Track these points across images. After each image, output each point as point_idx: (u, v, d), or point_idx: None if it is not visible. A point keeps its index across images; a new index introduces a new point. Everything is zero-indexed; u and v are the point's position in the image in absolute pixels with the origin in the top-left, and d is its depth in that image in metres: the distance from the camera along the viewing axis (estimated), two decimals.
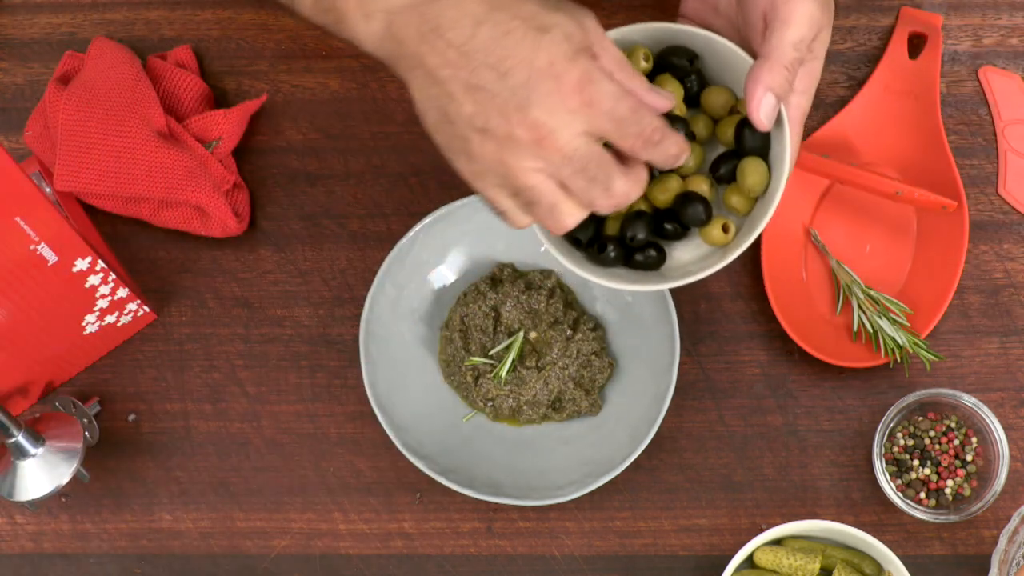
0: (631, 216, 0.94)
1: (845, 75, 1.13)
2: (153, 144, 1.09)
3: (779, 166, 0.91)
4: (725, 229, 0.94)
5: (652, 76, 0.94)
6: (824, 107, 1.12)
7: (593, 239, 0.95)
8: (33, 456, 1.04)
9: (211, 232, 1.11)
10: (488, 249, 1.11)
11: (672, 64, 0.93)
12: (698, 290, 1.11)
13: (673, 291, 1.07)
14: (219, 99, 1.16)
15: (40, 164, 1.13)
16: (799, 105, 0.91)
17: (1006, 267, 1.10)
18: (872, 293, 1.08)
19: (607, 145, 0.85)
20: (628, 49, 0.93)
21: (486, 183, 0.84)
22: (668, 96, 0.87)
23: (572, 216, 0.85)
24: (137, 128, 1.09)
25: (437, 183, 1.14)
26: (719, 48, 0.92)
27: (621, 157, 0.86)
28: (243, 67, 1.16)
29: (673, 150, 0.86)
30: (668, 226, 0.95)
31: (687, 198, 0.93)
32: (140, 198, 1.11)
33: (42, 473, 1.04)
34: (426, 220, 1.09)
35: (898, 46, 1.11)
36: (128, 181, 1.09)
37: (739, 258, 1.11)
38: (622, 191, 0.85)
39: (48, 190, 1.12)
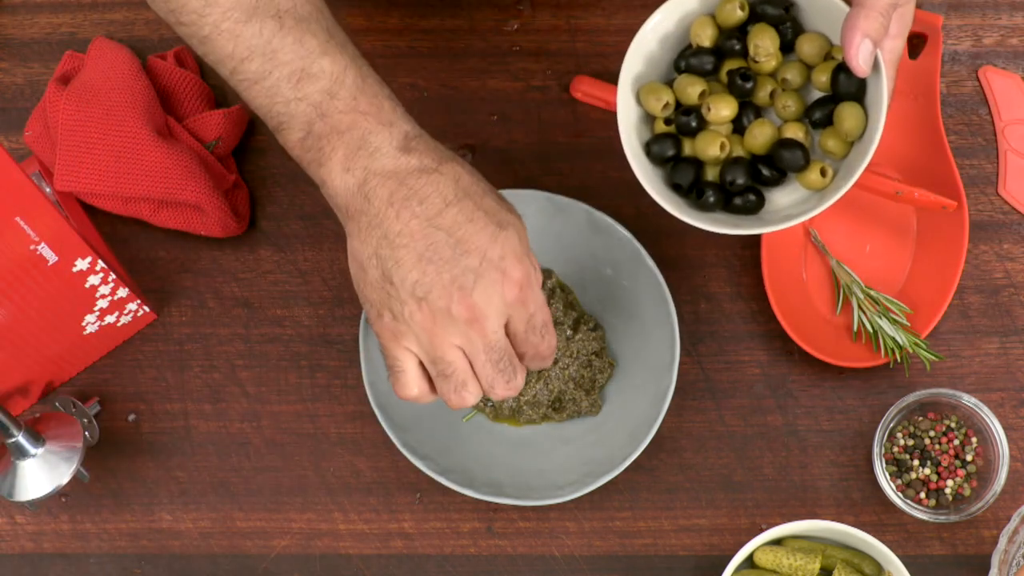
0: (730, 161, 0.96)
1: None
2: (153, 144, 1.09)
3: (876, 109, 0.93)
4: (823, 173, 0.96)
5: (747, 24, 0.96)
6: None
7: (693, 184, 0.97)
8: (33, 456, 1.04)
9: (211, 232, 1.11)
10: None
11: (767, 12, 0.96)
12: (698, 290, 1.11)
13: (673, 291, 1.07)
14: (219, 99, 1.16)
15: (40, 164, 1.13)
16: (894, 48, 0.94)
17: (1006, 267, 1.10)
18: (872, 293, 1.08)
19: None
20: None
21: (401, 342, 0.89)
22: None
23: (474, 396, 0.90)
24: (137, 128, 1.09)
25: None
26: None
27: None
28: None
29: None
30: (766, 171, 0.96)
31: (785, 144, 0.95)
32: (140, 198, 1.11)
33: (42, 473, 1.04)
34: None
35: None
36: (128, 181, 1.09)
37: (739, 258, 1.11)
38: (516, 387, 0.91)
39: (48, 190, 1.12)
